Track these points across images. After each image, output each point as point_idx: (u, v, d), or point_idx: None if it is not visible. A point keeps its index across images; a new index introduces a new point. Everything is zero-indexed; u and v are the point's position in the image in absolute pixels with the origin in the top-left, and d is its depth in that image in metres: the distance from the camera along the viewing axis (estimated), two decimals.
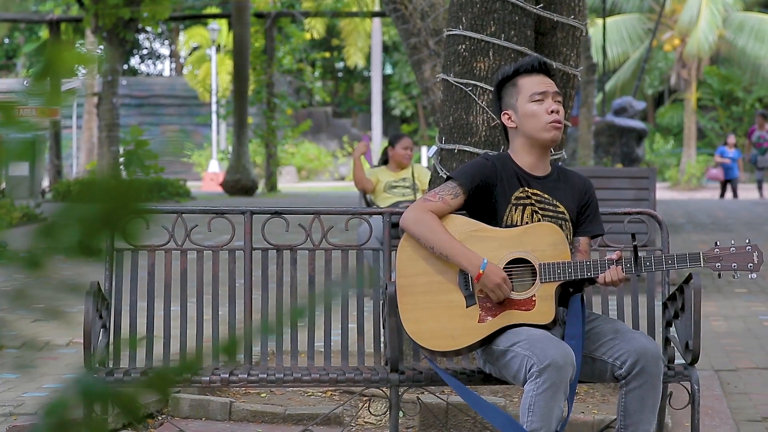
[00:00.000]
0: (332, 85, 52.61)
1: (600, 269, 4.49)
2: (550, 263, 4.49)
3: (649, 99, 44.47)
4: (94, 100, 25.41)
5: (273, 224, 5.22)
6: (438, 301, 4.56)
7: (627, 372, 4.39)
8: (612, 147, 22.07)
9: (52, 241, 1.28)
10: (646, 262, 4.53)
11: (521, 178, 4.61)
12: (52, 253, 1.29)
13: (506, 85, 4.69)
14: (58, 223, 1.28)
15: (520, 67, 4.66)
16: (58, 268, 1.36)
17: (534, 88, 4.61)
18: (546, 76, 4.66)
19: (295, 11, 32.75)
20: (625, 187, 10.45)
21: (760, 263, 4.61)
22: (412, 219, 4.56)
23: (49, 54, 1.29)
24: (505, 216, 4.56)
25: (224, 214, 5.28)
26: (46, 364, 7.01)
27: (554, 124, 4.58)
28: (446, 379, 4.61)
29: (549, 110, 4.58)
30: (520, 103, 4.61)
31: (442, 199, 4.56)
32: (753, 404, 6.37)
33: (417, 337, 4.57)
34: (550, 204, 4.62)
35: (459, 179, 4.57)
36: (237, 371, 4.83)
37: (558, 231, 4.54)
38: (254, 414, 5.81)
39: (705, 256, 4.57)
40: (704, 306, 7.22)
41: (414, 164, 10.40)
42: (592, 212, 4.72)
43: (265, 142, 30.89)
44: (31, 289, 1.40)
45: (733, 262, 4.60)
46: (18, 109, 1.33)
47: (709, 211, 20.58)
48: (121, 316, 5.09)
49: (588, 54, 21.73)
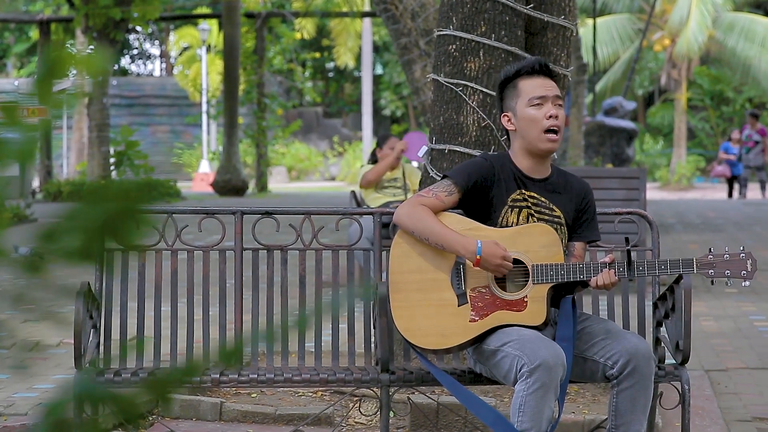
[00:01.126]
0: (323, 86, 52.58)
1: (593, 272, 4.49)
2: (543, 264, 4.49)
3: (640, 99, 44.52)
4: (85, 101, 25.37)
5: (263, 224, 5.22)
6: (430, 299, 4.56)
7: (618, 372, 4.39)
8: (602, 147, 22.08)
9: (50, 245, 1.28)
10: (639, 267, 4.52)
11: (519, 180, 4.60)
12: (51, 258, 1.29)
13: (508, 86, 4.67)
14: (57, 228, 1.28)
15: (521, 68, 4.64)
16: (54, 272, 1.36)
17: (533, 92, 4.58)
18: (547, 78, 4.64)
19: (285, 11, 32.73)
20: (615, 188, 10.46)
21: (753, 271, 4.59)
22: (405, 213, 4.55)
23: (52, 56, 1.29)
24: (501, 218, 4.56)
25: (215, 215, 5.28)
26: (37, 365, 6.99)
27: (551, 133, 4.54)
28: (436, 375, 4.61)
29: (548, 115, 4.55)
30: (519, 106, 4.59)
31: (436, 196, 4.55)
32: (743, 404, 6.38)
33: (408, 334, 4.57)
34: (546, 207, 4.61)
35: (455, 178, 4.57)
36: (227, 371, 4.82)
37: (552, 232, 4.54)
38: (245, 414, 5.81)
39: (698, 263, 4.56)
40: (694, 306, 7.23)
41: (404, 164, 10.40)
42: (589, 217, 4.71)
43: (255, 143, 30.86)
44: (22, 290, 1.40)
45: (726, 270, 4.58)
46: (21, 110, 1.33)
47: (699, 211, 20.61)
48: (111, 316, 5.08)
49: (578, 54, 21.77)
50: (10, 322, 1.83)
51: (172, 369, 1.37)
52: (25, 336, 7.64)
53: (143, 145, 28.41)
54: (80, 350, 4.63)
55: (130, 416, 1.43)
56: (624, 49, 37.78)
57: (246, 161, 34.63)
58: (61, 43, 27.98)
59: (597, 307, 5.20)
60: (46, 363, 7.06)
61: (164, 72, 56.07)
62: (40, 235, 1.28)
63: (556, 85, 4.65)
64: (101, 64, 1.28)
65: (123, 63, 54.99)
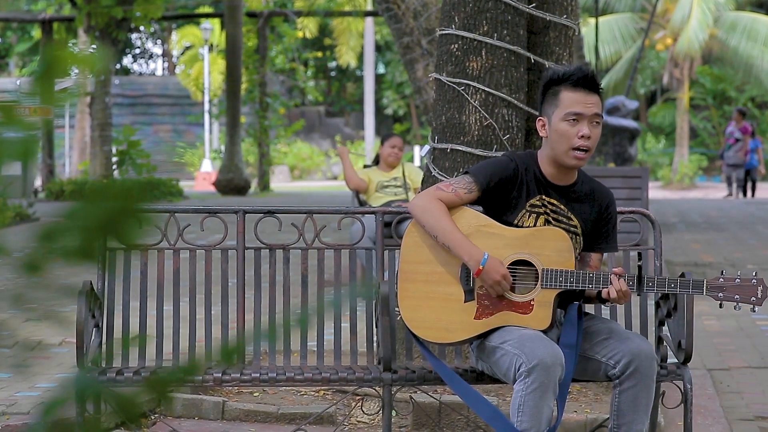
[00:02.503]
0: (325, 85, 52.60)
1: (602, 282, 4.45)
2: (553, 270, 4.45)
3: (642, 98, 44.50)
4: (87, 100, 25.38)
5: (265, 223, 5.22)
6: (437, 292, 4.55)
7: (621, 372, 4.39)
8: (604, 146, 22.06)
9: (51, 244, 1.28)
10: (649, 283, 4.49)
11: (541, 185, 4.55)
12: (51, 257, 1.29)
13: (551, 90, 4.54)
14: (58, 227, 1.28)
15: (567, 75, 4.50)
16: (55, 271, 1.36)
17: (572, 107, 4.46)
18: (591, 94, 4.48)
19: (287, 10, 32.74)
20: (617, 187, 10.46)
21: (763, 298, 4.52)
22: (420, 206, 4.52)
23: (52, 54, 1.29)
24: (517, 220, 4.53)
25: (217, 214, 5.28)
26: (39, 364, 6.99)
27: (579, 150, 4.45)
28: (435, 366, 4.59)
29: (580, 134, 4.44)
30: (555, 116, 4.48)
31: (455, 192, 4.51)
32: (745, 403, 6.38)
33: (412, 324, 4.56)
34: (564, 215, 4.56)
35: (476, 175, 4.52)
36: (230, 370, 4.82)
37: (565, 237, 4.49)
38: (247, 413, 5.81)
39: (708, 285, 4.52)
40: (697, 305, 7.22)
41: (405, 163, 10.41)
42: (610, 229, 4.66)
43: (257, 142, 30.87)
44: (24, 289, 1.40)
45: (736, 294, 4.53)
46: (19, 108, 1.33)
47: (701, 210, 20.61)
48: (113, 315, 5.08)
49: (581, 53, 21.74)
50: (12, 322, 1.84)
51: (174, 368, 1.37)
52: (27, 335, 7.64)
53: (145, 144, 28.42)
54: (82, 349, 4.63)
55: (131, 415, 1.43)
56: (626, 48, 37.76)
57: (248, 160, 34.66)
58: (62, 41, 27.95)
59: (600, 307, 5.20)
60: (48, 362, 7.06)
61: (166, 71, 56.08)
62: (40, 235, 1.28)
63: (599, 100, 4.48)
64: (101, 62, 1.28)
65: (125, 62, 55.00)
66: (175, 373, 1.36)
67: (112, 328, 5.07)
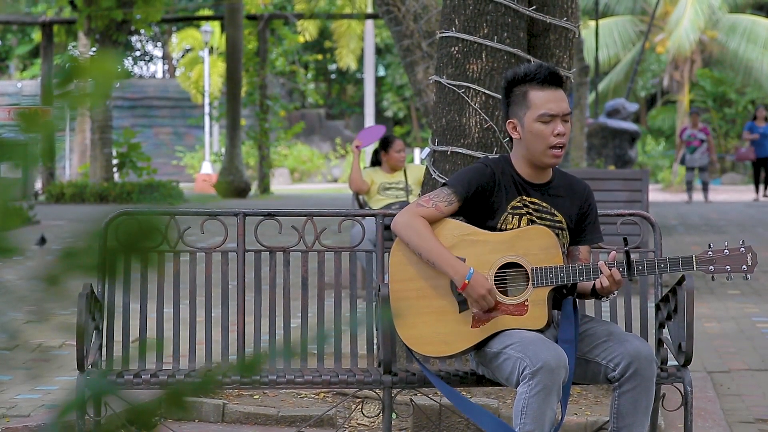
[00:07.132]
0: (325, 87, 52.59)
1: (593, 274, 4.46)
2: (542, 267, 4.47)
3: (642, 101, 44.50)
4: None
5: (266, 226, 5.22)
6: (431, 306, 4.55)
7: (620, 374, 4.39)
8: (605, 149, 22.07)
9: (72, 262, 1.28)
10: (639, 266, 4.50)
11: (520, 186, 4.56)
12: (70, 272, 1.29)
13: (515, 92, 4.54)
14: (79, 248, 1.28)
15: (529, 74, 4.50)
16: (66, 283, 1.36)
17: (545, 107, 4.47)
18: (558, 89, 4.51)
19: (287, 13, 32.76)
20: (617, 189, 10.45)
21: (754, 265, 4.55)
22: (402, 223, 4.53)
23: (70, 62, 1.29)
24: (500, 224, 4.54)
25: (217, 216, 5.28)
26: (39, 367, 6.99)
27: (556, 148, 4.48)
28: (436, 384, 4.61)
29: (555, 132, 4.47)
30: (527, 118, 4.49)
31: (436, 206, 4.52)
32: (746, 406, 6.39)
33: (410, 342, 4.57)
34: (548, 212, 4.58)
35: (454, 186, 4.53)
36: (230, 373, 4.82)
37: (550, 235, 4.51)
38: (247, 416, 5.81)
39: (698, 260, 4.53)
40: (697, 307, 7.22)
41: (408, 165, 10.45)
42: (592, 220, 4.68)
43: (257, 144, 30.88)
44: (25, 291, 1.40)
45: (726, 265, 4.55)
46: (39, 114, 1.33)
47: (701, 212, 20.61)
48: (114, 318, 5.08)
49: (581, 56, 21.76)
50: (13, 324, 1.84)
51: (191, 381, 1.37)
52: (28, 338, 7.64)
53: (145, 147, 28.43)
54: (83, 352, 4.63)
55: (147, 424, 1.43)
56: (626, 51, 37.78)
57: (248, 163, 34.64)
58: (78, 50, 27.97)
59: (599, 309, 5.20)
60: (49, 365, 7.06)
61: (167, 74, 56.09)
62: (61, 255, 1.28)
63: (564, 95, 4.55)
64: (118, 69, 1.28)
65: (125, 65, 55.01)
66: (192, 387, 1.36)
67: (113, 330, 5.07)
